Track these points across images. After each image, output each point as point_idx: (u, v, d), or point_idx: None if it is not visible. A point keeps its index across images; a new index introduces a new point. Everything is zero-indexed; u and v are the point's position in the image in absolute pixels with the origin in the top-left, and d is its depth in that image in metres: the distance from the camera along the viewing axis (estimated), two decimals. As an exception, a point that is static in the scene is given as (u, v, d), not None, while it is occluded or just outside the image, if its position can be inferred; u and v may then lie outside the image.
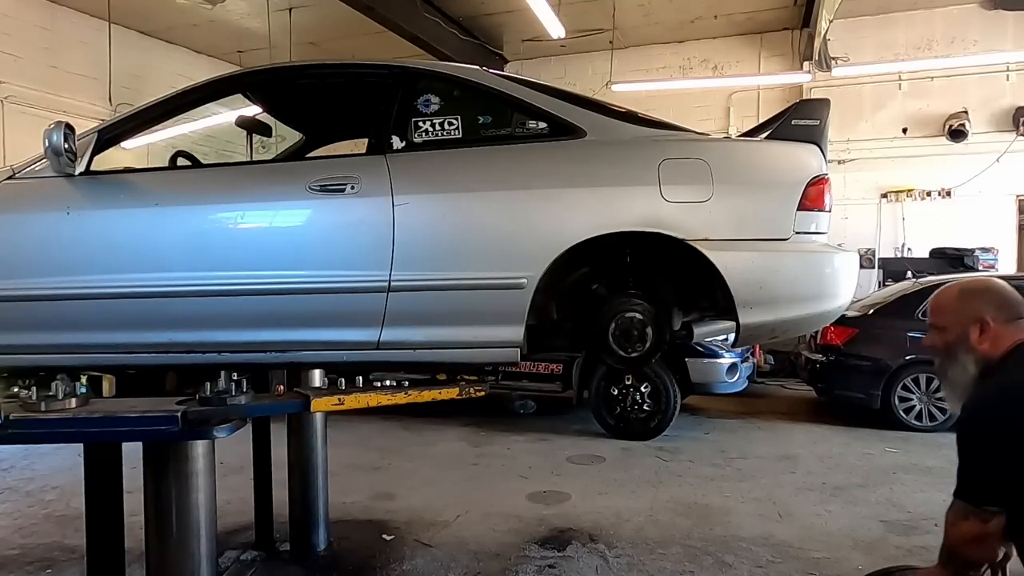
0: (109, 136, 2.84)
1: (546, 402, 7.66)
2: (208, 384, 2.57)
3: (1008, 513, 1.70)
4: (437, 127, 2.86)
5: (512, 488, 5.10)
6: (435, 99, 2.90)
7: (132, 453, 2.63)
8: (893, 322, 7.09)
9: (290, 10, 9.46)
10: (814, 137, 2.87)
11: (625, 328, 2.81)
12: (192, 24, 9.86)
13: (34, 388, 2.48)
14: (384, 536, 4.17)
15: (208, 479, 2.69)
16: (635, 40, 10.83)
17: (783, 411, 7.90)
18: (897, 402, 6.92)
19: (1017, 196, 9.77)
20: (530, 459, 5.96)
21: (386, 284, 2.66)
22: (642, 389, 6.57)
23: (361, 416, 5.63)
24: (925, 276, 7.91)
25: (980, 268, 8.76)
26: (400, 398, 2.89)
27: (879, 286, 9.30)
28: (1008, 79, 9.64)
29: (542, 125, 2.89)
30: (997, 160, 9.60)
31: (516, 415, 7.73)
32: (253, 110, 3.79)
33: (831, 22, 8.34)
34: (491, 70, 3.19)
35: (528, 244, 2.70)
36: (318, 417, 3.98)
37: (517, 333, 2.69)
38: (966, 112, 9.65)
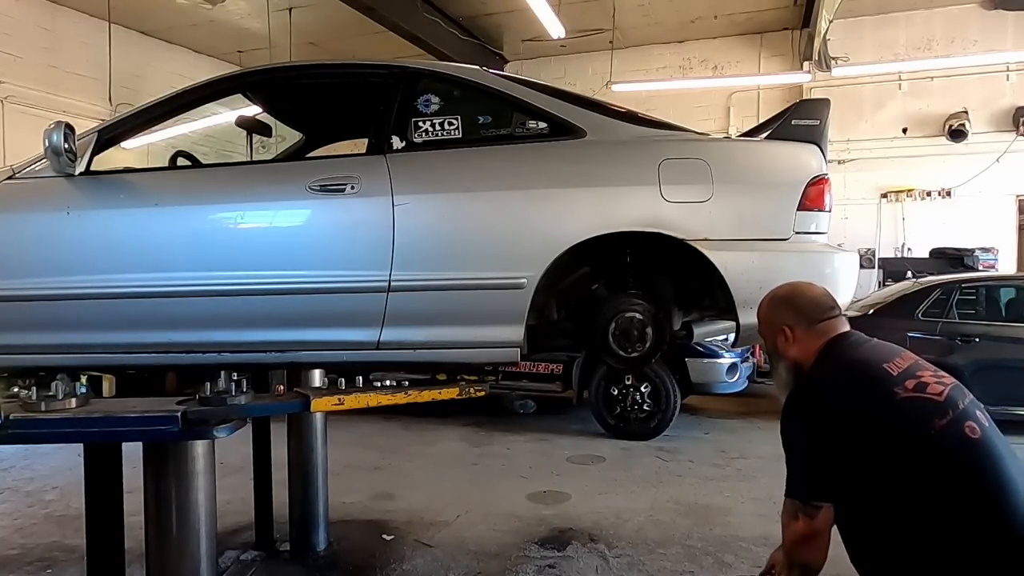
0: (109, 136, 2.84)
1: (546, 402, 7.67)
2: (208, 384, 2.57)
3: (835, 505, 1.70)
4: (437, 127, 2.86)
5: (512, 488, 5.10)
6: (435, 99, 2.90)
7: (132, 453, 2.63)
8: (893, 322, 7.08)
9: (290, 10, 9.47)
10: (814, 137, 2.88)
11: (625, 328, 2.81)
12: (192, 24, 9.86)
13: (34, 388, 2.48)
14: (384, 536, 4.17)
15: (208, 479, 2.69)
16: (635, 40, 10.83)
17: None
18: (897, 402, 6.91)
19: (1017, 196, 9.78)
20: (530, 459, 5.96)
21: (386, 284, 2.66)
22: (642, 389, 6.57)
23: (361, 416, 5.63)
24: (925, 276, 7.91)
25: (980, 268, 8.76)
26: (400, 398, 2.89)
27: (879, 286, 9.30)
28: (1008, 79, 9.65)
29: (542, 125, 2.89)
30: (997, 160, 9.60)
31: (516, 415, 7.73)
32: (253, 110, 3.79)
33: (831, 22, 8.34)
34: (491, 70, 3.19)
35: (528, 244, 2.70)
36: (318, 417, 3.98)
37: (517, 333, 2.69)
38: (966, 112, 9.65)
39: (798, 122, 2.90)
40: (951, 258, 8.95)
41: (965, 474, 1.57)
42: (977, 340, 6.80)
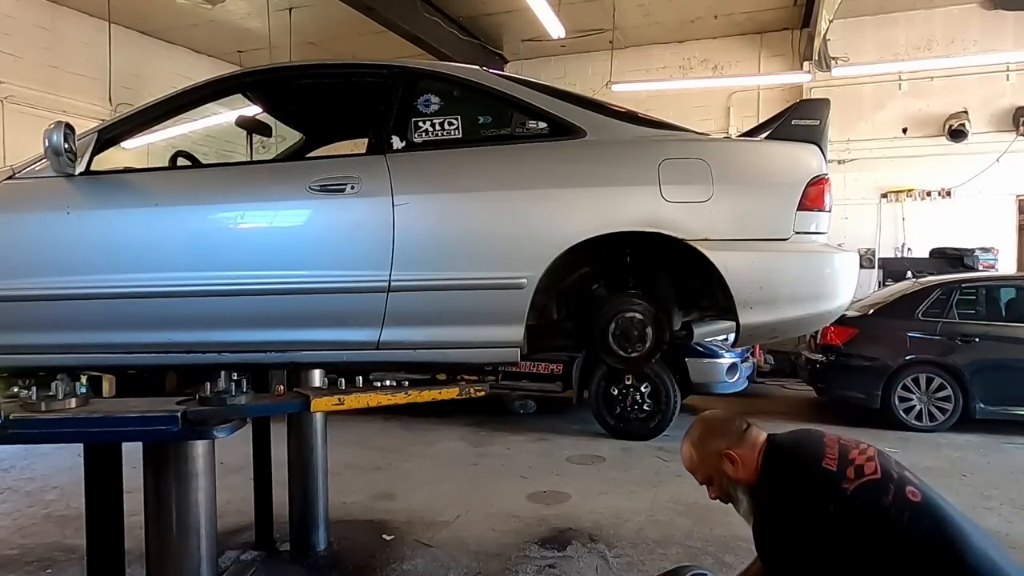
0: (109, 136, 2.84)
1: (546, 402, 7.67)
2: (208, 384, 2.57)
3: None
4: (437, 127, 2.86)
5: (512, 488, 5.10)
6: (435, 99, 2.89)
7: (132, 453, 2.63)
8: (893, 322, 7.10)
9: (290, 10, 9.47)
10: (814, 137, 2.87)
11: (625, 328, 2.80)
12: (192, 24, 9.86)
13: (34, 388, 2.48)
14: (384, 536, 4.17)
15: (208, 479, 2.69)
16: (635, 40, 10.83)
17: (783, 411, 7.90)
18: (897, 402, 6.92)
19: (1017, 196, 9.78)
20: (530, 459, 5.96)
21: (386, 284, 2.66)
22: (642, 389, 6.57)
23: (361, 416, 5.63)
24: (925, 276, 7.91)
25: (980, 268, 8.76)
26: (400, 398, 2.89)
27: (879, 286, 9.30)
28: (1008, 79, 9.65)
29: (542, 125, 2.88)
30: (997, 160, 9.61)
31: (516, 415, 7.74)
32: (253, 110, 3.79)
33: (831, 22, 8.34)
34: (491, 70, 3.19)
35: (528, 244, 2.69)
36: (318, 417, 3.98)
37: (517, 333, 2.69)
38: (966, 112, 9.66)
39: (798, 122, 2.90)
40: (951, 258, 8.96)
41: (925, 538, 1.70)
42: (977, 340, 6.80)
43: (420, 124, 2.86)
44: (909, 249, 10.05)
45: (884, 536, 1.69)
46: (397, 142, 2.84)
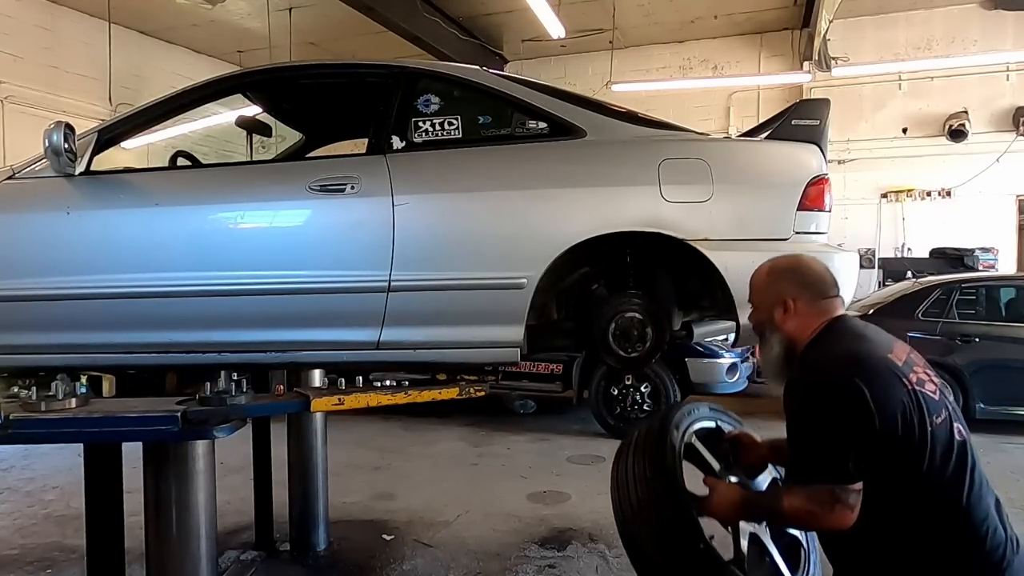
0: (109, 136, 2.84)
1: (546, 402, 7.66)
2: (208, 384, 2.57)
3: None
4: (437, 127, 2.86)
5: (512, 488, 5.10)
6: (435, 99, 2.89)
7: (132, 453, 2.63)
8: (893, 322, 7.07)
9: (290, 10, 9.46)
10: (814, 137, 2.87)
11: (625, 328, 2.80)
12: (192, 24, 9.86)
13: (34, 388, 2.48)
14: (384, 536, 4.17)
15: (208, 479, 2.69)
16: (635, 40, 10.83)
17: (783, 411, 7.89)
18: (897, 402, 6.91)
19: (1017, 196, 9.78)
20: (530, 459, 5.96)
21: (386, 284, 2.66)
22: (642, 389, 6.57)
23: (361, 416, 5.63)
24: (925, 276, 7.91)
25: (980, 268, 8.76)
26: (400, 398, 2.89)
27: (879, 286, 9.30)
28: (1008, 79, 9.65)
29: (542, 125, 2.88)
30: (997, 160, 9.61)
31: (516, 415, 7.73)
32: (253, 110, 3.79)
33: (831, 22, 8.34)
34: (491, 70, 3.19)
35: (528, 244, 2.69)
36: (318, 417, 3.98)
37: (517, 333, 2.69)
38: (966, 112, 9.65)
39: (798, 122, 2.90)
40: (951, 258, 8.95)
41: (954, 470, 1.61)
42: (977, 340, 6.80)
43: (420, 124, 2.86)
44: (909, 249, 10.05)
45: (919, 449, 1.58)
46: (397, 142, 2.84)
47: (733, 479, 2.17)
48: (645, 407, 6.57)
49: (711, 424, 2.37)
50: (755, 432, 2.30)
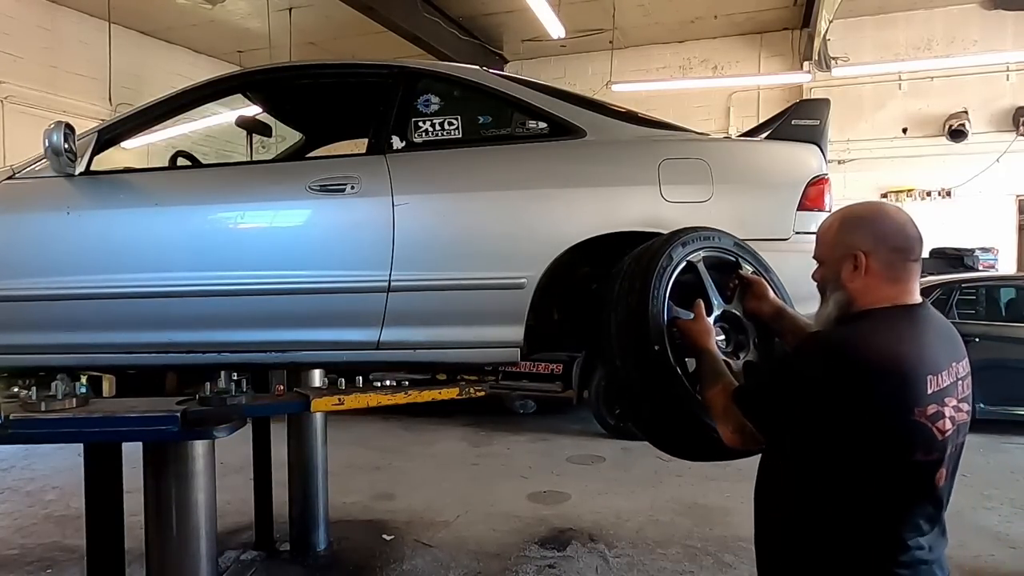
0: (109, 136, 2.83)
1: (546, 402, 7.66)
2: (208, 384, 2.57)
3: (767, 442, 1.61)
4: (437, 127, 2.86)
5: (512, 488, 5.10)
6: (435, 99, 2.89)
7: (132, 453, 2.63)
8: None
9: (290, 10, 9.46)
10: (814, 137, 2.87)
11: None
12: (192, 24, 9.85)
13: (34, 388, 2.48)
14: (384, 536, 4.17)
15: (208, 479, 2.69)
16: (635, 40, 10.83)
17: (783, 411, 7.89)
18: (897, 402, 6.91)
19: (1017, 196, 9.78)
20: (530, 459, 5.97)
21: (386, 284, 2.66)
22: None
23: (361, 416, 5.63)
24: (925, 276, 7.90)
25: (980, 268, 8.75)
26: (400, 398, 2.89)
27: (879, 286, 9.28)
28: (1008, 79, 9.65)
29: (542, 125, 2.88)
30: (997, 160, 9.60)
31: (516, 415, 7.74)
32: (253, 110, 3.79)
33: (831, 22, 8.34)
34: (491, 70, 3.19)
35: (528, 244, 2.69)
36: (318, 417, 3.98)
37: (517, 333, 2.69)
38: (966, 112, 9.65)
39: (798, 122, 2.89)
40: (951, 258, 8.95)
41: (904, 503, 1.47)
42: (977, 340, 6.80)
43: (420, 124, 2.86)
44: (909, 249, 10.03)
45: (877, 470, 1.45)
46: (397, 142, 2.84)
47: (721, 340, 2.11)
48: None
49: (729, 258, 2.28)
50: (771, 291, 2.16)
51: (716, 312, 2.14)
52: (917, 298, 1.55)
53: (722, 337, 2.16)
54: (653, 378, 2.00)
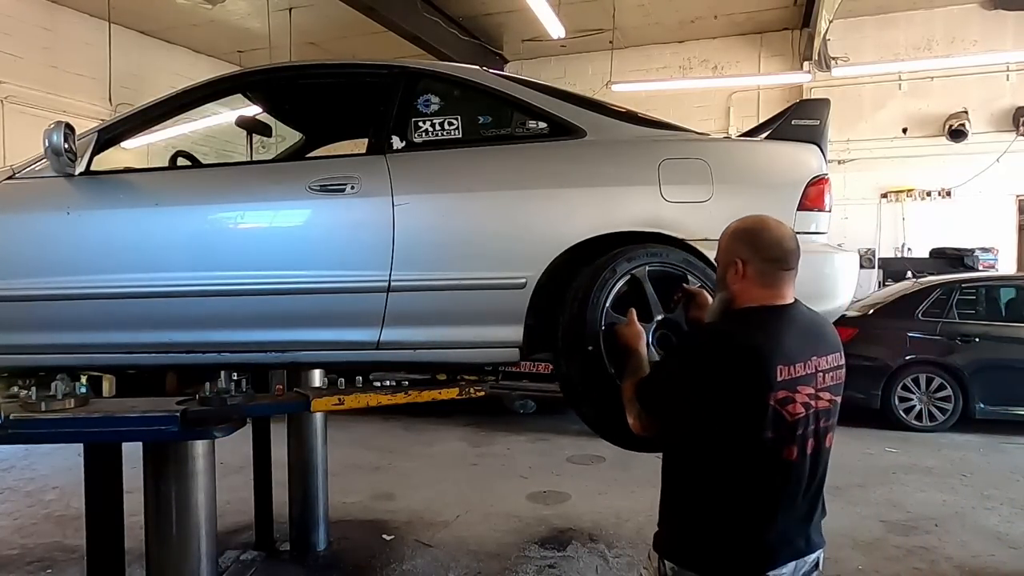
0: (109, 136, 2.83)
1: (546, 402, 7.66)
2: (208, 384, 2.57)
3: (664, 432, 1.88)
4: (437, 127, 2.86)
5: (512, 488, 5.10)
6: (435, 99, 2.89)
7: (132, 453, 2.63)
8: (893, 322, 7.10)
9: (290, 10, 9.46)
10: (814, 137, 2.87)
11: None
12: (192, 24, 9.86)
13: (34, 388, 2.49)
14: (384, 536, 4.17)
15: (208, 479, 2.69)
16: (635, 40, 10.83)
17: (783, 411, 7.89)
18: (897, 402, 6.92)
19: (1017, 196, 9.78)
20: (530, 459, 5.97)
21: (386, 284, 2.66)
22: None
23: (361, 416, 5.63)
24: (925, 276, 7.91)
25: (980, 268, 8.76)
26: (400, 398, 2.89)
27: (879, 286, 9.30)
28: (1008, 79, 9.65)
29: (542, 125, 2.88)
30: (997, 160, 9.61)
31: (516, 415, 7.74)
32: (253, 110, 3.79)
33: (831, 22, 8.34)
34: (491, 70, 3.19)
35: (528, 244, 2.69)
36: (318, 417, 3.98)
37: (517, 333, 2.69)
38: (966, 112, 9.65)
39: (798, 122, 2.89)
40: (951, 258, 8.96)
41: (761, 478, 1.69)
42: (977, 340, 6.80)
43: (420, 124, 2.86)
44: (909, 249, 10.05)
45: (733, 447, 1.70)
46: (397, 142, 2.84)
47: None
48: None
49: (676, 272, 2.51)
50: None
51: (657, 319, 2.40)
52: (787, 300, 1.83)
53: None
54: (588, 375, 2.34)
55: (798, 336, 1.77)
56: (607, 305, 2.37)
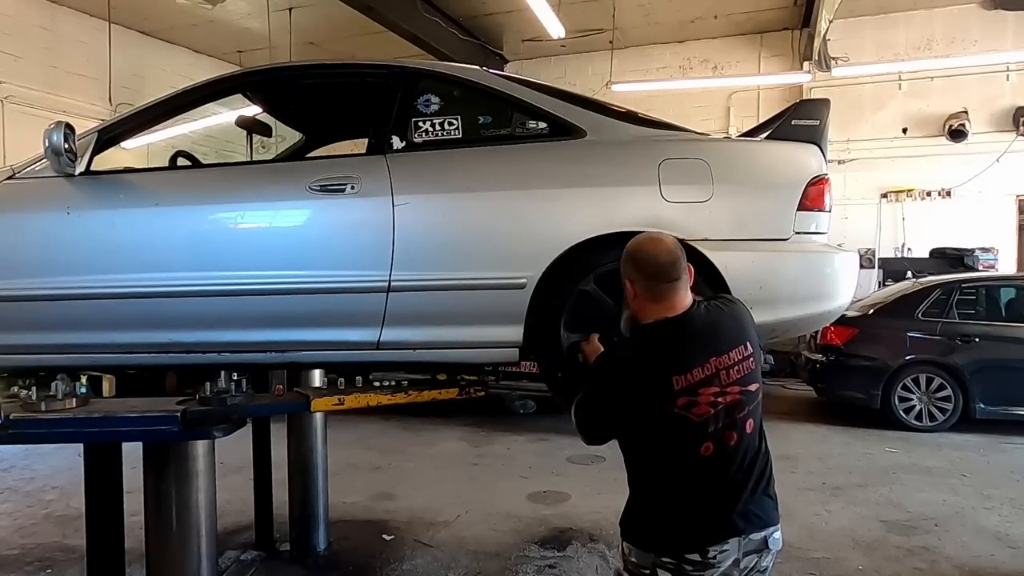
0: (109, 136, 2.83)
1: (546, 402, 7.66)
2: (208, 384, 2.57)
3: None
4: (437, 127, 2.86)
5: (512, 488, 5.10)
6: (435, 99, 2.89)
7: (132, 453, 2.63)
8: (893, 322, 7.10)
9: (290, 10, 9.46)
10: (814, 137, 2.87)
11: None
12: (192, 24, 9.85)
13: (34, 388, 2.49)
14: (384, 536, 4.17)
15: (208, 479, 2.69)
16: (635, 40, 10.83)
17: (783, 411, 7.89)
18: (897, 402, 6.92)
19: (1017, 196, 9.78)
20: (530, 459, 5.97)
21: (386, 284, 2.66)
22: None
23: (361, 416, 5.64)
24: (925, 276, 7.91)
25: (980, 268, 8.76)
26: (400, 398, 2.89)
27: (879, 286, 9.30)
28: (1008, 79, 9.64)
29: (542, 125, 2.88)
30: (997, 160, 9.60)
31: (516, 415, 7.73)
32: (253, 110, 3.79)
33: (831, 22, 8.34)
34: (491, 70, 3.19)
35: (528, 244, 2.69)
36: (318, 417, 3.98)
37: (517, 333, 2.69)
38: (966, 112, 9.65)
39: (798, 122, 2.89)
40: (951, 258, 8.96)
41: (684, 466, 1.84)
42: (977, 340, 6.80)
43: (420, 124, 2.86)
44: (909, 249, 10.05)
45: (647, 443, 1.89)
46: (397, 142, 2.84)
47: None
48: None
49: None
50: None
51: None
52: (680, 310, 1.91)
53: None
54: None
55: (694, 342, 1.87)
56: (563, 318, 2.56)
